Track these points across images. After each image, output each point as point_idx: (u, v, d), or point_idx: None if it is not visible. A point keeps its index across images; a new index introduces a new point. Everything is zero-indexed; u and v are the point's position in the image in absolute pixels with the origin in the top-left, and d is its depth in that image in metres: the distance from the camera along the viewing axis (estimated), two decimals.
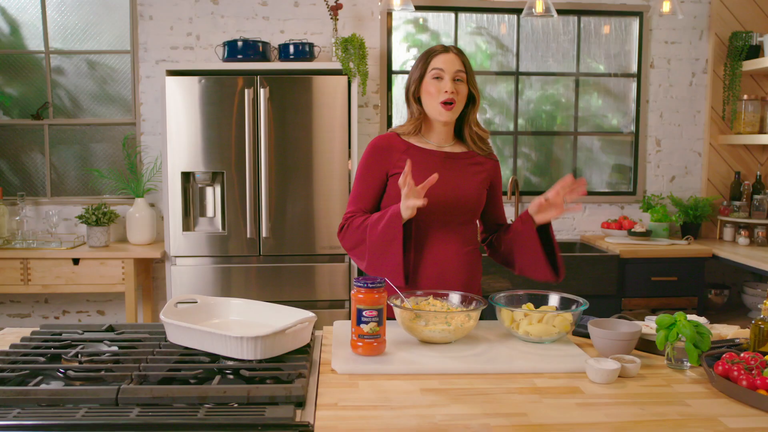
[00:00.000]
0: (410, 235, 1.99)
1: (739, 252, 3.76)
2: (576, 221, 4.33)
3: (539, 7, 3.68)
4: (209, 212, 3.67)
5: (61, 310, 4.15)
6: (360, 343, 1.62)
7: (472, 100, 2.03)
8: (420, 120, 2.04)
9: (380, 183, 2.03)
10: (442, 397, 1.40)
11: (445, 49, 2.00)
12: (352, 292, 1.63)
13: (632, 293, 3.77)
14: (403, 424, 1.27)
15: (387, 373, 1.54)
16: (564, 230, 4.33)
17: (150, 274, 4.06)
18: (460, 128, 2.08)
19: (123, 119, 4.09)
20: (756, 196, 4.06)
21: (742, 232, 4.01)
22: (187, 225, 3.63)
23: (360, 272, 3.72)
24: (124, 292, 3.66)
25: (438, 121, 2.01)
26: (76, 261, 3.63)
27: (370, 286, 1.60)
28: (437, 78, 1.96)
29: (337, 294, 3.69)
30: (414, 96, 2.03)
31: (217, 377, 1.43)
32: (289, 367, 1.49)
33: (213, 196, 3.66)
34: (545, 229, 1.99)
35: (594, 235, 4.27)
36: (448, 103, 1.95)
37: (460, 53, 2.01)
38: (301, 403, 1.35)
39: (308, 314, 1.67)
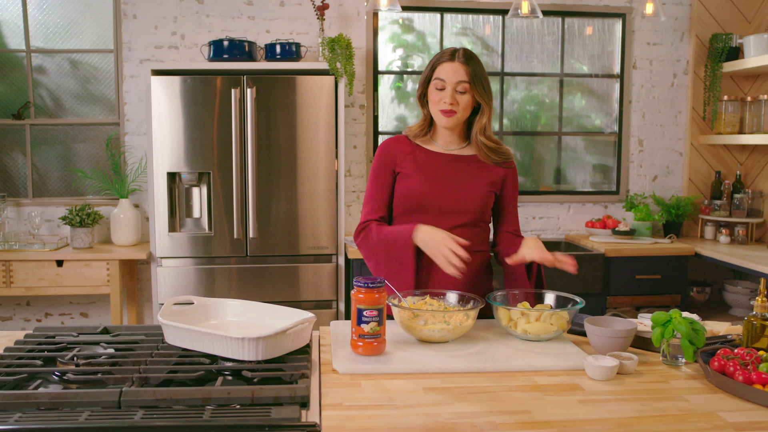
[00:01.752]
0: None
1: (720, 250, 3.83)
2: (560, 221, 4.37)
3: (525, 8, 3.71)
4: (195, 213, 3.65)
5: (43, 313, 4.09)
6: (360, 343, 1.62)
7: (480, 108, 2.02)
8: (427, 121, 2.09)
9: (390, 182, 2.07)
10: (445, 396, 1.41)
11: (451, 58, 1.97)
12: (352, 291, 1.63)
13: (617, 291, 3.82)
14: (409, 423, 1.27)
15: (389, 373, 1.55)
16: (549, 230, 4.37)
17: (135, 275, 4.01)
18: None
19: (106, 119, 4.04)
20: (736, 195, 4.14)
21: (723, 231, 4.09)
22: (173, 226, 3.60)
23: (348, 272, 3.72)
24: (109, 293, 3.62)
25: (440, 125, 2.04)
26: (59, 263, 3.58)
27: (371, 286, 1.61)
28: (440, 88, 1.97)
29: (325, 294, 3.69)
30: (421, 99, 2.07)
31: (220, 378, 1.42)
32: (290, 368, 1.49)
33: (199, 197, 3.64)
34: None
35: (578, 234, 4.31)
36: (446, 112, 1.97)
37: (467, 61, 1.96)
38: (305, 404, 1.35)
39: (308, 315, 1.67)
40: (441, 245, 1.83)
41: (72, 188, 4.06)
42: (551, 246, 4.21)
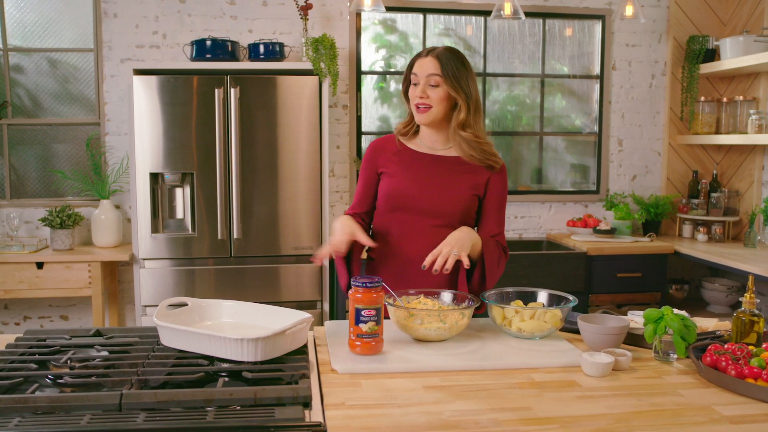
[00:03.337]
0: (391, 232, 2.04)
1: (699, 248, 3.90)
2: (542, 220, 4.42)
3: (507, 10, 3.75)
4: (178, 214, 3.61)
5: (21, 316, 4.02)
6: (358, 343, 1.63)
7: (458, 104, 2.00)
8: (410, 119, 2.10)
9: (373, 182, 2.11)
10: (445, 394, 1.42)
11: (426, 53, 1.99)
12: (350, 291, 1.64)
13: (599, 289, 3.87)
14: (413, 422, 1.28)
15: (388, 372, 1.55)
16: (530, 229, 4.41)
17: (116, 277, 3.96)
18: None
19: (86, 119, 3.98)
20: (713, 194, 4.22)
21: (701, 229, 4.16)
22: (156, 227, 3.57)
23: (332, 273, 3.72)
24: (91, 296, 3.57)
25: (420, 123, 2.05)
26: (39, 265, 3.52)
27: (369, 285, 1.61)
28: (414, 83, 2.00)
29: (309, 295, 3.68)
30: (406, 96, 2.08)
31: (221, 380, 1.42)
32: (290, 368, 1.49)
33: (182, 198, 3.61)
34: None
35: (559, 233, 4.36)
36: (419, 107, 1.97)
37: (440, 56, 1.96)
38: (307, 404, 1.35)
39: (305, 315, 1.67)
40: (333, 235, 1.91)
41: (51, 189, 3.99)
42: (533, 245, 4.28)
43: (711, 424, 1.29)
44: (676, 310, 1.72)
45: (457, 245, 1.84)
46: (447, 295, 1.88)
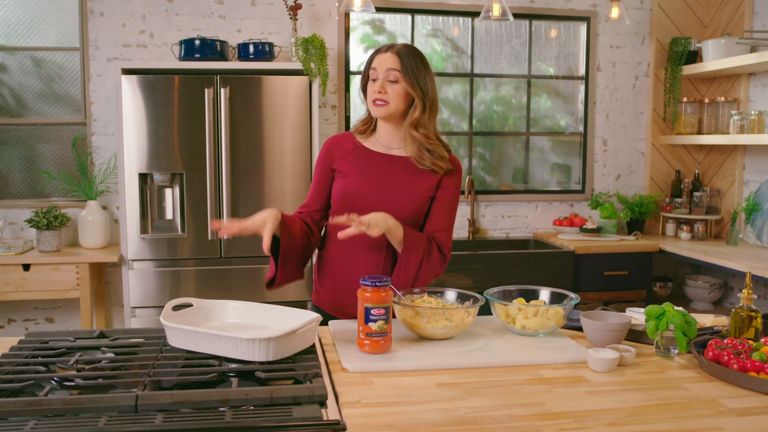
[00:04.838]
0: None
1: (682, 246, 3.97)
2: (528, 219, 4.47)
3: (496, 11, 3.78)
4: (168, 215, 3.59)
5: (6, 319, 3.95)
6: (367, 341, 1.64)
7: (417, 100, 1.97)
8: (369, 118, 2.07)
9: (327, 180, 2.07)
10: (458, 391, 1.44)
11: (386, 49, 1.97)
12: (359, 290, 1.65)
13: (586, 287, 3.92)
14: (430, 419, 1.30)
15: (398, 370, 1.57)
16: (517, 228, 4.45)
17: (103, 279, 3.92)
18: None
19: (72, 119, 3.93)
20: (695, 194, 4.31)
21: (684, 228, 4.24)
22: (144, 228, 3.54)
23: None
24: (79, 298, 3.53)
25: (378, 119, 2.03)
26: (26, 267, 3.47)
27: (378, 284, 1.62)
28: (373, 79, 1.97)
29: (298, 295, 3.68)
30: (364, 93, 2.05)
31: (235, 380, 1.42)
32: (301, 368, 1.49)
33: (171, 198, 3.58)
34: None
35: (546, 233, 4.41)
36: (377, 102, 1.95)
37: (399, 52, 1.93)
38: (323, 403, 1.36)
39: (312, 314, 1.68)
40: (251, 219, 1.97)
41: (37, 190, 3.94)
42: (520, 244, 4.33)
43: (719, 416, 1.33)
44: (675, 307, 1.76)
45: (374, 222, 1.83)
46: (450, 294, 1.90)
